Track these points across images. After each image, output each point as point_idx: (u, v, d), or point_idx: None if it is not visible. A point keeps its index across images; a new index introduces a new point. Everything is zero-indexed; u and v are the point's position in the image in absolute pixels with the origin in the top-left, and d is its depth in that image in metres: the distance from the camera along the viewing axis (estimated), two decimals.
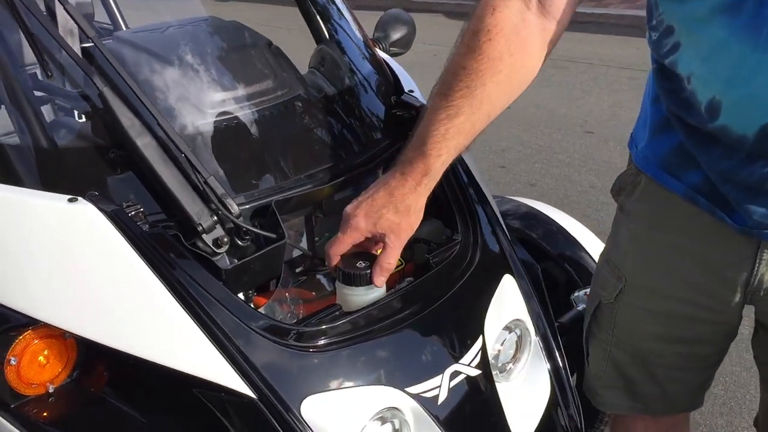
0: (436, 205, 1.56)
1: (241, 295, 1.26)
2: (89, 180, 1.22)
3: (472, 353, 1.28)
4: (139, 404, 1.17)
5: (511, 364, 1.37)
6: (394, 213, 1.20)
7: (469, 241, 1.44)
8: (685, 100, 1.11)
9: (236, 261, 1.22)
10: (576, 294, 1.73)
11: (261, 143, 1.36)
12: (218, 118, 1.32)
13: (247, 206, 1.27)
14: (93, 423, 1.19)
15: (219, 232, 1.21)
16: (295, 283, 1.44)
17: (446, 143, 1.16)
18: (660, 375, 1.38)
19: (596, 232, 2.16)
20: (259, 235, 1.25)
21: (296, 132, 1.41)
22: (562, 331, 1.60)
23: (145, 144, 1.18)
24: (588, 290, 1.71)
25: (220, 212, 1.20)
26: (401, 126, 1.52)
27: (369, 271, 1.25)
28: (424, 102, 1.50)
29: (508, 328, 1.38)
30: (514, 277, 1.44)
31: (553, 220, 2.16)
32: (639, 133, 1.30)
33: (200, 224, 1.18)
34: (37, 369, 1.17)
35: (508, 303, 1.39)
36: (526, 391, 1.36)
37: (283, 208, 1.31)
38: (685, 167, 1.18)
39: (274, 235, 1.26)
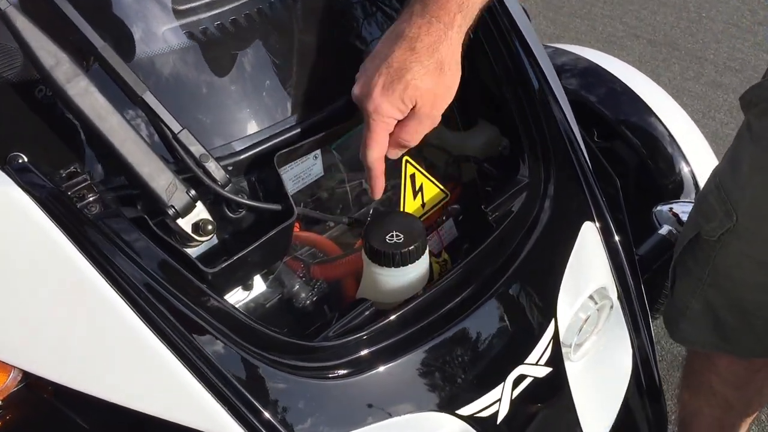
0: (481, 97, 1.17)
1: (236, 294, 0.93)
2: (15, 136, 0.84)
3: (542, 346, 0.98)
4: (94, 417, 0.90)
5: (585, 341, 1.08)
6: (422, 74, 0.84)
7: (539, 178, 1.07)
8: None
9: (225, 255, 0.87)
10: (659, 209, 1.38)
11: (252, 64, 0.94)
12: (185, 38, 0.90)
13: (233, 160, 0.90)
14: None
15: (200, 213, 0.85)
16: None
17: None
18: (759, 325, 1.15)
19: (649, 42, 1.72)
20: (258, 209, 0.90)
21: (303, 40, 0.99)
22: (643, 266, 1.28)
23: (80, 91, 0.79)
24: (675, 205, 1.38)
25: (202, 184, 0.84)
26: None
27: (409, 248, 0.91)
28: None
29: (590, 299, 1.06)
30: (596, 224, 1.09)
31: (618, 79, 1.75)
32: None
33: (171, 206, 0.82)
34: None
35: (589, 265, 1.06)
36: (602, 374, 1.08)
37: (294, 156, 0.94)
38: None
39: (278, 207, 0.90)
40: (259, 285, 1.02)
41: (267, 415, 0.82)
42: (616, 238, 1.10)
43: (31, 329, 0.80)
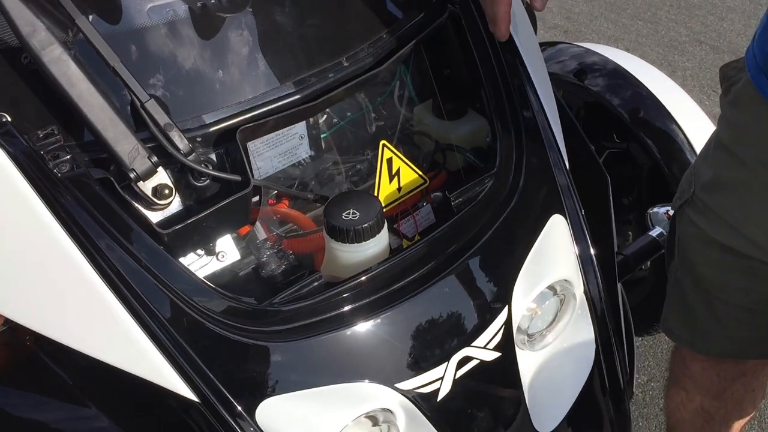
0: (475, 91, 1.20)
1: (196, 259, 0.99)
2: (2, 97, 0.92)
3: (492, 330, 1.00)
4: (71, 369, 0.98)
5: (546, 332, 1.09)
6: None
7: (510, 168, 1.09)
8: None
9: (184, 215, 0.93)
10: (654, 210, 1.37)
11: (226, 41, 1.00)
12: (165, 14, 0.96)
13: (202, 132, 0.96)
14: (23, 380, 1.01)
15: (161, 177, 0.91)
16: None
17: None
18: (722, 311, 1.14)
19: (711, 48, 1.67)
20: (220, 179, 0.95)
21: (281, 17, 1.04)
22: (626, 266, 1.28)
23: (53, 58, 0.86)
24: (670, 208, 1.37)
25: (167, 153, 0.90)
26: None
27: (365, 224, 0.95)
28: None
29: (551, 289, 1.07)
30: (566, 218, 1.10)
31: (642, 83, 1.73)
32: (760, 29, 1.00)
33: (133, 169, 0.89)
34: None
35: (553, 257, 1.07)
36: (560, 367, 1.09)
37: (258, 132, 0.99)
38: None
39: (237, 178, 0.95)
40: (232, 252, 1.08)
41: (208, 372, 0.87)
42: (586, 233, 1.10)
43: (2, 275, 0.88)
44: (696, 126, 1.68)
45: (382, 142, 1.13)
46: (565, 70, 1.83)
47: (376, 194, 1.13)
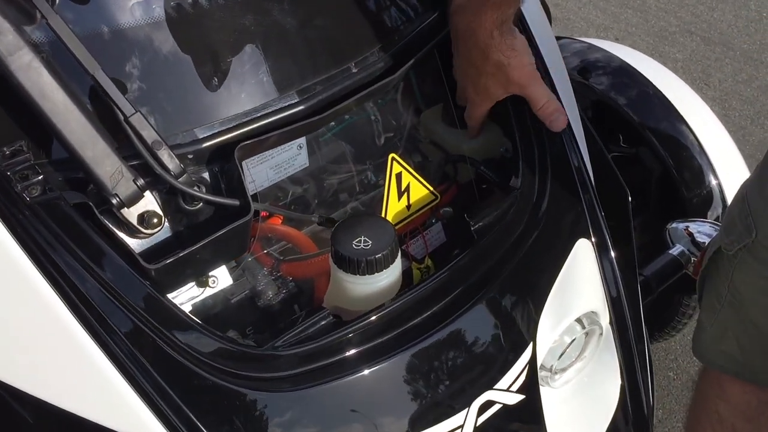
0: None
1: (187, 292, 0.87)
2: None
3: (516, 370, 0.90)
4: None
5: (569, 366, 1.00)
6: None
7: (533, 189, 0.99)
8: None
9: (178, 249, 0.81)
10: (673, 226, 1.28)
11: (222, 47, 0.88)
12: (153, 12, 0.84)
13: (194, 148, 0.84)
14: None
15: (148, 203, 0.80)
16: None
17: None
18: None
19: (702, 39, 1.60)
20: (215, 203, 0.84)
21: (284, 18, 0.92)
22: (648, 288, 1.19)
23: (22, 66, 0.73)
24: (692, 224, 1.28)
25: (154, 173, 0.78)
26: None
27: (378, 255, 0.85)
28: None
29: (578, 322, 0.98)
30: (591, 242, 1.00)
31: (650, 81, 1.64)
32: None
33: (116, 194, 0.77)
34: None
35: (579, 286, 0.98)
36: (584, 404, 1.00)
37: (258, 149, 0.88)
38: None
39: (235, 202, 0.84)
40: (225, 279, 0.96)
41: (202, 428, 0.76)
42: (614, 257, 1.01)
43: None
44: (707, 129, 1.59)
45: (392, 155, 1.02)
46: (568, 67, 1.73)
47: (384, 213, 1.02)
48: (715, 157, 1.54)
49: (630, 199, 1.16)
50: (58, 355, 0.75)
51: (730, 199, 1.54)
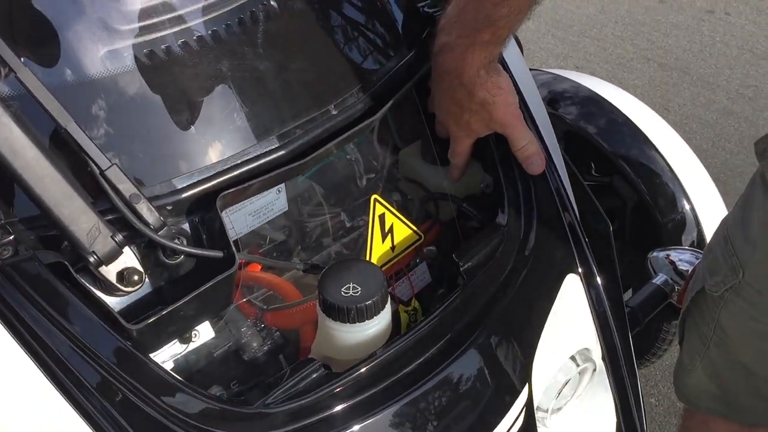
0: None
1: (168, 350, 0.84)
2: None
3: (513, 414, 0.88)
4: None
5: (563, 405, 0.98)
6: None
7: (520, 226, 0.97)
8: None
9: (160, 305, 0.77)
10: (654, 255, 1.28)
11: (197, 93, 0.85)
12: (126, 61, 0.81)
13: (173, 199, 0.81)
14: None
15: (127, 260, 0.76)
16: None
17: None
18: (765, 390, 1.03)
19: (659, 65, 1.62)
20: (197, 255, 0.80)
21: (260, 62, 0.89)
22: (635, 320, 1.18)
23: None
24: (672, 252, 1.28)
25: (133, 227, 0.75)
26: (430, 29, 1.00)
27: (369, 302, 0.82)
28: None
29: (572, 360, 0.96)
30: (580, 277, 0.99)
31: (618, 109, 1.65)
32: None
33: (93, 252, 0.73)
34: None
35: (571, 323, 0.96)
36: None
37: (240, 197, 0.85)
38: None
39: (219, 254, 0.81)
40: (206, 332, 0.92)
41: None
42: (602, 292, 1.00)
43: None
44: (677, 154, 1.61)
45: (374, 196, 1.00)
46: None
47: (368, 255, 1.00)
48: (687, 183, 1.55)
49: (611, 229, 1.15)
50: (34, 423, 0.71)
51: (704, 223, 1.55)
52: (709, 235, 1.55)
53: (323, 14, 0.97)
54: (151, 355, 0.78)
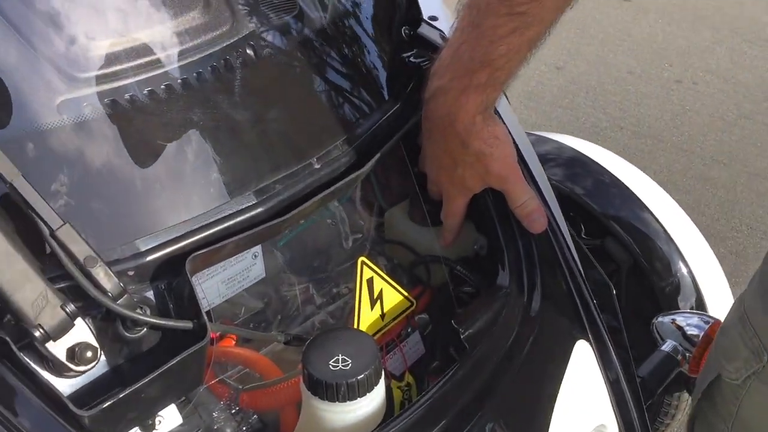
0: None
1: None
2: None
3: None
4: None
5: None
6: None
7: (523, 287, 0.88)
8: None
9: (119, 386, 0.66)
10: (659, 320, 1.19)
11: (163, 145, 0.76)
12: (84, 110, 0.72)
13: (136, 263, 0.71)
14: None
15: (80, 333, 0.65)
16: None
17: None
18: None
19: (633, 133, 1.62)
20: (163, 327, 0.70)
21: (236, 112, 0.81)
22: (647, 391, 1.08)
23: None
24: (678, 317, 1.19)
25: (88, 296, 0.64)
26: (417, 79, 0.93)
27: (361, 376, 0.72)
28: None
29: None
30: (591, 344, 0.90)
31: (605, 169, 1.61)
32: None
33: (39, 325, 0.62)
34: None
35: (584, 396, 0.86)
36: None
37: (213, 259, 0.75)
38: None
39: (188, 325, 0.70)
40: (172, 417, 0.81)
41: None
42: (615, 360, 0.90)
43: None
44: (669, 214, 1.55)
45: (361, 259, 0.91)
46: None
47: (356, 324, 0.90)
48: (682, 244, 1.49)
49: (614, 292, 1.07)
50: None
51: (702, 286, 1.48)
52: (708, 299, 1.48)
53: (304, 63, 0.89)
54: None
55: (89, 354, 0.64)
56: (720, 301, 1.47)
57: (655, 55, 3.92)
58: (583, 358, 0.88)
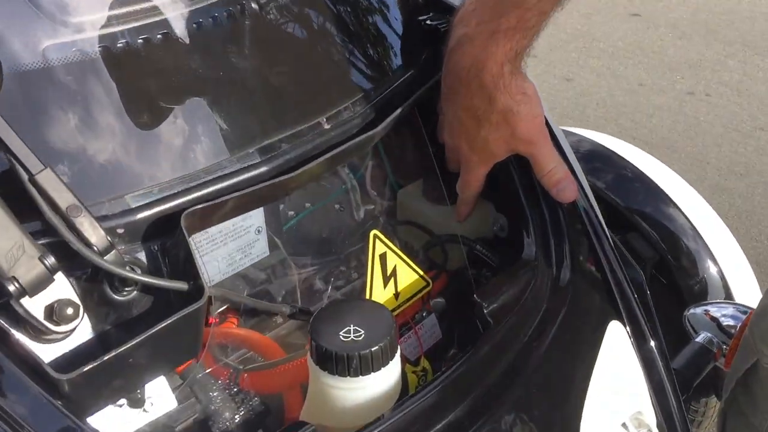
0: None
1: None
2: None
3: None
4: None
5: None
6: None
7: (551, 260, 0.81)
8: None
9: (96, 349, 0.59)
10: (692, 312, 1.11)
11: (161, 94, 0.70)
12: (74, 53, 0.66)
13: (127, 220, 0.64)
14: None
15: (60, 288, 0.58)
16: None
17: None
18: None
19: (646, 144, 1.55)
20: (157, 287, 0.62)
21: (241, 62, 0.75)
22: (684, 383, 1.00)
23: None
24: (711, 307, 1.11)
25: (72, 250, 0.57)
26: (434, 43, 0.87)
27: (375, 347, 0.64)
28: None
29: (623, 427, 0.77)
30: (625, 326, 0.82)
31: (628, 162, 1.53)
32: None
33: (13, 278, 0.55)
34: None
35: (619, 380, 0.78)
36: None
37: (212, 218, 0.68)
38: None
39: (183, 286, 0.63)
40: (167, 398, 0.73)
41: None
42: (652, 344, 0.83)
43: None
44: (697, 210, 1.48)
45: (373, 232, 0.83)
46: None
47: None
48: (710, 240, 1.41)
49: (645, 281, 0.99)
50: None
51: (732, 284, 1.41)
52: (738, 297, 1.40)
53: (313, 19, 0.83)
54: (89, 420, 0.59)
55: (70, 311, 0.56)
56: (749, 301, 1.39)
57: (666, 68, 3.87)
58: (617, 340, 0.80)
